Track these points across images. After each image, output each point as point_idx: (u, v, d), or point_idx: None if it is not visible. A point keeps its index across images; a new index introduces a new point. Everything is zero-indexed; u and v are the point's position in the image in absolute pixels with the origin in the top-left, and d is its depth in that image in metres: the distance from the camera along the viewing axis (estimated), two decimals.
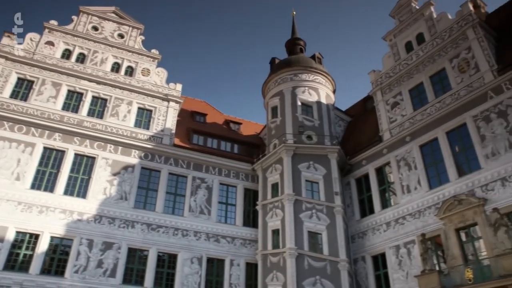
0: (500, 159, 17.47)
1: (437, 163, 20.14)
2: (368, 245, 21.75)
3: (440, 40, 22.16)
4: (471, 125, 19.06)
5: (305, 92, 26.41)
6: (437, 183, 19.76)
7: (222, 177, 25.00)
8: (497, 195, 17.06)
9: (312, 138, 24.64)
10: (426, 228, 19.12)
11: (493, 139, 17.98)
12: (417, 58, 23.06)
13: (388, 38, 25.55)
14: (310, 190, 22.90)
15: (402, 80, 23.59)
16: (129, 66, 26.90)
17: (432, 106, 21.25)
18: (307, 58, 28.65)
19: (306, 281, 19.95)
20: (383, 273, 20.72)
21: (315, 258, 20.67)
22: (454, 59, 21.10)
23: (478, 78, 19.56)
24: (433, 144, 20.63)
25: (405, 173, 21.25)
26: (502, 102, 18.24)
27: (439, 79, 21.68)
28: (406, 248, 19.78)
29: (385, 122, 23.53)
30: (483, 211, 17.18)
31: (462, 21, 21.32)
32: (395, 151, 22.21)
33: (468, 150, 19.05)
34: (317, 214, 22.00)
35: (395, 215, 20.93)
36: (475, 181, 18.07)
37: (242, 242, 23.48)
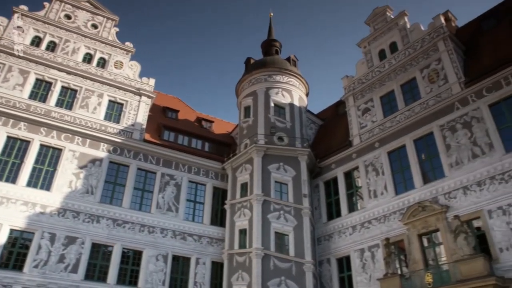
0: (463, 168, 18.06)
1: (404, 170, 20.62)
2: (334, 247, 22.06)
3: (412, 50, 22.71)
4: (437, 134, 19.61)
5: (278, 94, 26.55)
6: (403, 189, 20.24)
7: (192, 175, 24.80)
8: (458, 203, 17.65)
9: (283, 139, 24.79)
10: (391, 233, 19.56)
11: (458, 149, 18.56)
12: (390, 66, 23.55)
13: (363, 45, 25.98)
14: (279, 191, 23.03)
15: (374, 87, 24.03)
16: (101, 57, 26.34)
17: (402, 114, 21.75)
18: (282, 60, 28.81)
19: (271, 281, 20.04)
20: (347, 275, 21.06)
21: (281, 259, 20.80)
22: (425, 69, 21.66)
23: (446, 89, 20.15)
24: (401, 151, 21.11)
25: (373, 178, 21.66)
26: (467, 114, 18.86)
27: (409, 88, 22.21)
28: (370, 252, 20.17)
29: (356, 128, 23.92)
30: (445, 218, 17.73)
31: (434, 33, 21.92)
32: (364, 156, 22.61)
33: (433, 158, 19.60)
34: (285, 215, 22.14)
35: (361, 219, 21.30)
36: (439, 188, 18.62)
37: (209, 241, 23.37)
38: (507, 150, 16.98)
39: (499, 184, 16.71)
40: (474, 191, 17.38)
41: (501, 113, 17.88)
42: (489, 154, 17.43)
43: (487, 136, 17.76)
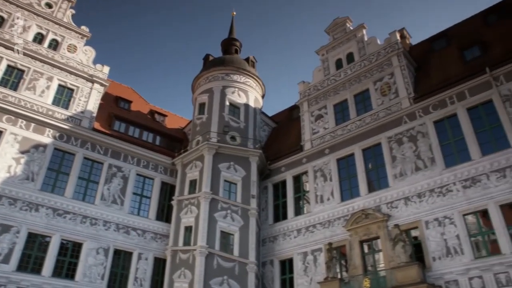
0: (406, 179, 18.89)
1: (351, 177, 21.23)
2: (278, 249, 22.33)
3: (367, 62, 23.44)
4: (385, 146, 20.38)
5: (234, 93, 26.55)
6: (349, 196, 20.85)
7: (140, 168, 24.25)
8: (399, 213, 18.44)
9: (236, 139, 24.81)
10: (334, 238, 20.09)
11: (403, 161, 19.38)
12: (345, 75, 24.18)
13: (321, 52, 26.51)
14: (228, 190, 23.03)
15: (329, 94, 24.58)
16: (54, 39, 25.15)
17: (353, 123, 22.39)
18: (241, 60, 28.84)
19: (213, 280, 19.99)
20: (288, 277, 21.39)
21: (225, 258, 20.79)
22: (378, 82, 22.43)
23: (397, 103, 20.97)
24: (349, 159, 21.73)
25: (321, 183, 22.14)
26: (414, 128, 19.74)
27: (362, 99, 22.91)
28: (313, 255, 20.60)
29: (308, 133, 24.35)
30: (386, 226, 18.46)
31: (389, 48, 22.76)
32: (314, 162, 23.06)
33: (379, 168, 20.34)
34: (232, 215, 22.16)
35: (306, 223, 21.71)
36: (382, 197, 19.35)
37: (153, 236, 22.94)
38: (447, 165, 17.94)
39: (437, 197, 17.64)
40: (415, 202, 18.23)
41: (444, 130, 18.88)
42: (431, 168, 18.34)
43: (430, 150, 18.68)
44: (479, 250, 16.09)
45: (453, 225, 16.72)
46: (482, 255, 15.88)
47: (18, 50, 22.45)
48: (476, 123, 18.05)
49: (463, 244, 16.18)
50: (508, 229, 15.50)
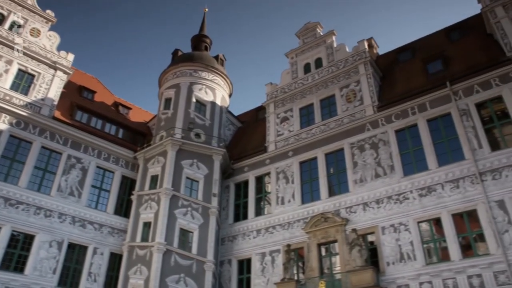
0: (366, 186, 19.35)
1: (312, 181, 21.53)
2: (237, 249, 22.33)
3: (335, 69, 23.84)
4: (347, 151, 20.79)
5: (201, 90, 26.37)
6: (309, 199, 21.14)
7: (101, 161, 23.64)
8: (357, 218, 18.86)
9: (200, 136, 24.65)
10: (292, 240, 20.29)
11: (363, 167, 19.84)
12: (313, 80, 24.49)
13: (290, 55, 26.72)
14: (190, 188, 22.84)
15: (295, 97, 24.82)
16: (16, 21, 24.13)
17: (318, 127, 22.71)
18: (210, 57, 28.68)
19: (170, 277, 19.77)
20: (246, 277, 21.42)
21: (183, 256, 20.61)
22: (344, 89, 22.86)
23: (361, 110, 21.44)
24: (312, 163, 22.01)
25: (282, 185, 22.31)
26: (376, 136, 20.25)
27: (328, 104, 23.28)
28: (271, 256, 20.74)
29: (272, 134, 24.49)
30: (344, 230, 18.83)
31: (357, 56, 23.24)
32: (277, 163, 23.22)
33: (340, 173, 20.73)
34: (192, 212, 22.00)
35: (266, 224, 21.82)
36: (342, 202, 19.73)
37: (110, 231, 22.43)
38: (405, 174, 18.52)
39: (394, 204, 18.18)
40: (373, 208, 18.70)
41: (404, 139, 19.48)
42: (390, 176, 18.88)
43: (390, 158, 19.22)
44: (431, 256, 16.71)
45: (407, 231, 17.28)
46: (433, 261, 16.50)
47: None
48: (434, 135, 18.72)
49: (416, 250, 16.75)
50: (458, 237, 16.19)
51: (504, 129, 17.25)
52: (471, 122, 17.80)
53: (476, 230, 16.07)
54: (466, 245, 16.18)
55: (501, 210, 15.61)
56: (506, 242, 15.08)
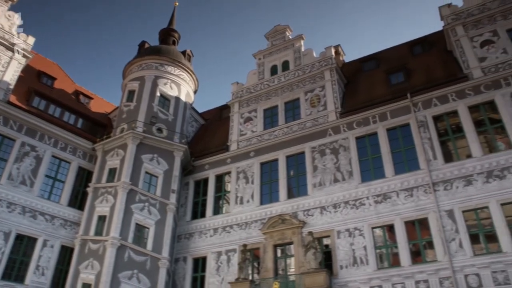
0: (324, 190, 19.69)
1: (272, 182, 21.67)
2: (193, 247, 22.15)
3: (301, 73, 24.13)
4: (308, 155, 21.07)
5: (166, 85, 26.03)
6: (268, 200, 21.27)
7: (57, 150, 22.83)
8: (314, 221, 19.16)
9: (162, 131, 24.31)
10: (249, 240, 20.35)
11: (323, 171, 20.18)
12: (279, 82, 24.68)
13: (258, 56, 26.81)
14: (148, 182, 22.48)
15: (260, 98, 24.93)
16: None
17: (281, 129, 22.90)
18: (178, 52, 28.35)
19: (122, 273, 19.38)
20: (200, 276, 21.27)
21: (137, 251, 20.25)
22: (309, 93, 23.17)
23: (324, 115, 21.81)
24: (273, 164, 22.16)
25: (242, 185, 22.34)
26: (337, 141, 20.64)
27: (292, 107, 23.52)
28: (227, 255, 20.71)
29: (235, 134, 24.49)
30: (300, 232, 19.08)
31: (323, 62, 23.62)
32: (238, 163, 23.22)
33: (300, 176, 20.99)
34: (149, 208, 21.66)
35: (224, 223, 21.77)
36: (300, 205, 19.98)
37: (63, 223, 21.70)
38: (363, 180, 18.99)
39: (351, 209, 18.60)
40: (330, 212, 19.05)
41: (364, 146, 19.97)
42: (348, 181, 19.29)
43: (349, 164, 19.65)
44: (382, 261, 17.22)
45: (362, 236, 17.72)
46: (384, 266, 17.02)
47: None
48: (393, 144, 19.31)
49: (368, 255, 17.21)
50: (409, 244, 16.77)
51: (457, 142, 18.03)
52: (428, 134, 18.48)
53: (426, 237, 16.70)
54: (416, 252, 16.79)
55: (450, 219, 16.30)
56: (452, 250, 15.76)
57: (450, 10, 21.43)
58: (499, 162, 16.49)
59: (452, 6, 21.55)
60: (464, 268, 15.33)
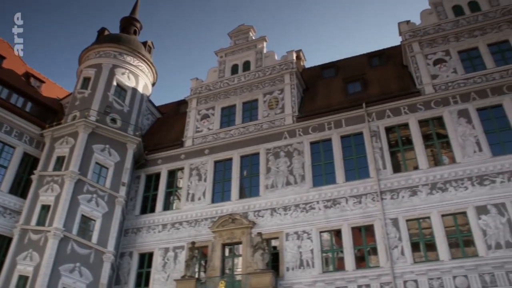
0: (276, 192, 19.90)
1: (225, 181, 21.64)
2: (140, 242, 21.68)
3: (262, 74, 24.27)
4: (262, 156, 21.22)
5: (124, 75, 25.40)
6: (219, 199, 21.21)
7: (1, 133, 21.68)
8: (264, 222, 19.33)
9: (116, 122, 23.69)
10: (198, 238, 20.20)
11: (276, 173, 20.39)
12: (239, 82, 24.70)
13: (220, 54, 26.69)
14: (98, 174, 21.82)
15: (219, 97, 24.84)
16: None
17: (237, 129, 22.92)
18: (138, 42, 27.72)
19: (64, 266, 18.68)
20: (145, 272, 20.85)
21: (81, 244, 19.59)
22: (268, 95, 23.36)
23: (281, 118, 22.06)
24: (227, 163, 22.13)
25: (195, 182, 22.15)
26: (292, 145, 20.92)
27: (250, 107, 23.61)
28: (174, 252, 20.45)
29: (191, 130, 24.25)
30: (249, 233, 19.17)
31: (284, 65, 23.89)
32: (192, 160, 23.00)
33: (253, 177, 21.09)
34: (97, 200, 21.02)
35: (173, 219, 21.49)
36: (251, 205, 20.07)
37: (2, 211, 20.60)
38: (314, 185, 19.36)
39: (301, 212, 18.91)
40: (280, 214, 19.28)
41: (318, 152, 20.37)
42: (300, 185, 19.60)
43: (302, 168, 19.97)
44: (328, 265, 17.64)
45: (309, 240, 18.05)
46: (329, 269, 17.44)
47: None
48: (346, 151, 19.83)
49: (315, 258, 17.55)
50: (354, 249, 17.28)
51: (406, 154, 18.81)
52: (379, 144, 19.13)
53: (371, 243, 17.28)
54: (360, 257, 17.33)
55: (394, 227, 16.95)
56: (394, 256, 16.40)
57: (408, 27, 22.31)
58: (443, 175, 17.35)
59: (411, 23, 22.44)
60: (404, 275, 15.99)
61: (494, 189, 16.34)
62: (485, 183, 16.59)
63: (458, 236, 16.22)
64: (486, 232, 15.61)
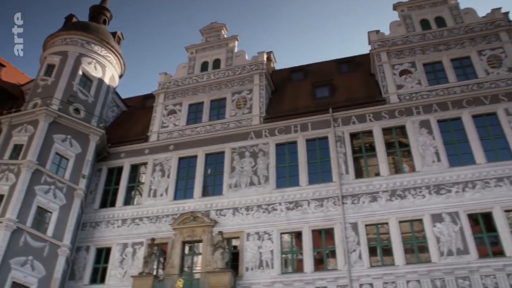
0: (239, 191, 19.90)
1: (189, 178, 21.41)
2: (98, 236, 21.12)
3: (232, 73, 24.23)
4: (227, 155, 21.16)
5: (91, 65, 24.74)
6: (182, 196, 20.98)
7: None
8: (226, 221, 19.28)
9: (80, 112, 23.04)
10: (158, 234, 19.89)
11: (240, 173, 20.39)
12: (208, 79, 24.55)
13: (191, 50, 26.44)
14: (57, 164, 21.13)
15: (187, 93, 24.60)
16: None
17: (203, 126, 22.77)
18: (108, 32, 27.05)
19: (15, 259, 17.93)
20: (102, 267, 20.33)
21: (35, 236, 18.89)
22: (236, 94, 23.33)
23: (248, 118, 22.09)
24: (191, 160, 21.93)
25: (158, 178, 21.82)
26: (257, 145, 20.99)
27: (218, 105, 23.51)
28: (133, 248, 20.05)
29: (157, 125, 23.88)
30: (210, 231, 19.08)
31: (254, 66, 23.97)
32: (156, 155, 22.64)
33: (217, 175, 21.02)
34: (55, 191, 20.36)
35: (134, 214, 21.09)
36: (213, 204, 19.99)
37: None
38: (278, 186, 19.49)
39: (263, 213, 18.99)
40: (242, 214, 19.28)
41: (283, 153, 20.54)
42: (263, 186, 19.68)
43: (267, 169, 20.07)
44: (287, 266, 17.78)
45: (270, 240, 18.14)
46: (288, 271, 17.58)
47: None
48: (310, 154, 20.07)
49: (274, 259, 17.65)
50: (313, 251, 17.52)
51: (369, 161, 19.26)
52: (344, 149, 19.48)
53: (330, 246, 17.56)
54: (319, 259, 17.58)
55: (353, 231, 17.30)
56: (352, 260, 16.73)
57: (378, 36, 22.87)
58: (402, 182, 17.88)
59: (380, 33, 23.03)
60: (361, 278, 16.34)
61: (450, 198, 17.00)
62: (442, 192, 17.24)
63: (413, 242, 16.75)
64: (439, 239, 16.22)
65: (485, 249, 15.92)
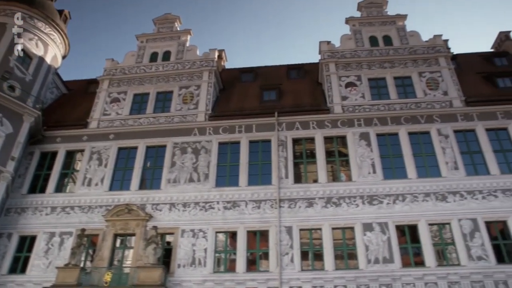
0: (178, 187, 19.64)
1: (126, 170, 20.79)
2: (23, 223, 19.86)
3: (181, 67, 23.90)
4: (169, 149, 20.82)
5: (32, 41, 23.39)
6: (118, 187, 20.35)
7: None
8: (162, 216, 18.94)
9: (15, 90, 21.66)
10: (89, 225, 19.13)
11: (181, 169, 20.12)
12: (156, 70, 24.06)
13: (141, 39, 25.81)
14: None
15: (133, 82, 23.96)
16: None
17: (147, 118, 22.28)
18: (54, 9, 25.66)
19: None
20: (24, 256, 19.15)
21: None
22: (184, 89, 23.03)
23: (193, 114, 21.89)
24: (131, 152, 21.31)
25: (94, 167, 21.00)
26: (200, 142, 20.83)
27: (163, 98, 23.09)
28: (60, 238, 19.11)
29: (98, 112, 23.01)
30: (145, 225, 18.64)
31: (205, 62, 23.83)
32: (94, 143, 21.81)
33: (157, 169, 20.59)
34: None
35: (65, 203, 20.12)
36: (150, 198, 19.57)
37: None
38: (217, 185, 19.46)
39: (200, 211, 18.86)
40: (178, 210, 19.03)
41: (225, 153, 20.54)
42: (203, 183, 19.56)
43: (207, 167, 19.96)
44: (219, 265, 17.77)
45: (205, 239, 18.04)
46: (220, 270, 17.57)
47: None
48: (252, 155, 20.24)
49: (207, 258, 17.57)
50: (247, 252, 17.63)
51: (308, 167, 19.72)
52: (285, 153, 19.81)
53: (264, 248, 17.77)
54: (252, 260, 17.73)
55: (288, 235, 17.63)
56: (284, 263, 17.03)
57: (328, 47, 23.55)
58: (338, 191, 18.50)
59: (331, 44, 23.72)
60: (291, 281, 16.66)
61: (381, 209, 17.83)
62: (374, 202, 18.03)
63: (344, 249, 17.36)
64: (368, 248, 16.95)
65: (408, 259, 16.86)
